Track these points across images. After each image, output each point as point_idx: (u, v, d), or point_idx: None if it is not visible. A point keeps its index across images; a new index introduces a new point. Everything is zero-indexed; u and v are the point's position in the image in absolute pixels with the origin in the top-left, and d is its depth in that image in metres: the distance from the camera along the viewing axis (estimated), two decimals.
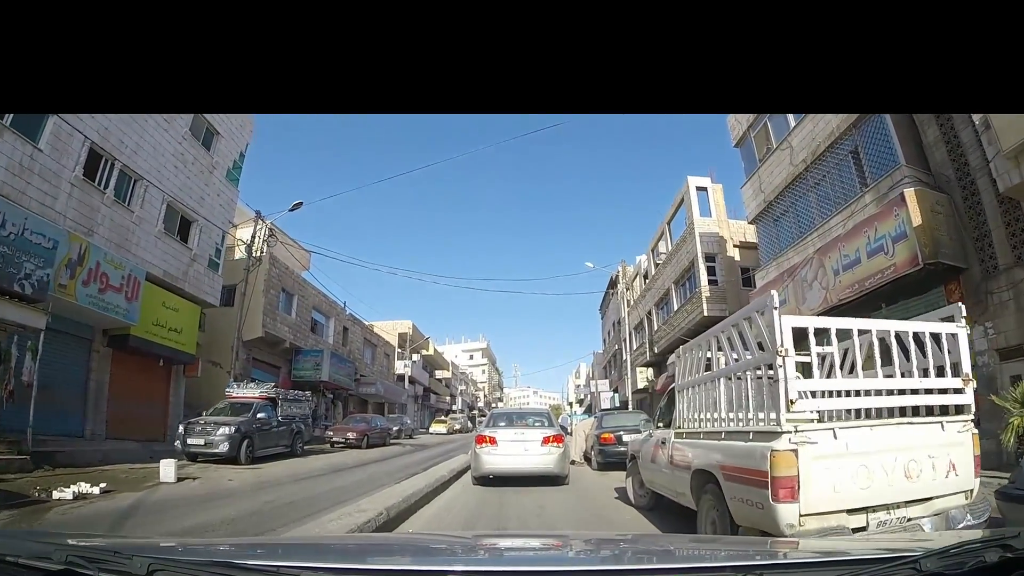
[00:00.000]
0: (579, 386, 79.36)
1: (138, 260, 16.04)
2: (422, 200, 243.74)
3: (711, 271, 21.38)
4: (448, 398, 62.21)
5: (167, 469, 9.94)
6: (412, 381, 45.69)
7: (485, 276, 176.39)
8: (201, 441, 12.79)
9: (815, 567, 1.36)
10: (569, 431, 23.60)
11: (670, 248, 25.74)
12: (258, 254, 20.36)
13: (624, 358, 32.72)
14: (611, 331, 43.24)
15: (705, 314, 20.59)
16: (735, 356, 3.95)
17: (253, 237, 19.97)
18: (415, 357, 46.87)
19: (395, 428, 27.80)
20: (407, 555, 1.92)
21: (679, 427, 5.04)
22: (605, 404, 37.35)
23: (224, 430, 12.74)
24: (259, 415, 14.06)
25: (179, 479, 10.05)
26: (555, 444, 9.01)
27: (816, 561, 1.46)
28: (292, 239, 26.93)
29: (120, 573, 1.15)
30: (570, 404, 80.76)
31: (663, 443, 5.32)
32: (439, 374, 58.52)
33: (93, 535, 3.43)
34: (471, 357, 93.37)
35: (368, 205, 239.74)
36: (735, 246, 21.73)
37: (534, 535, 4.11)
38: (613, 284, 39.30)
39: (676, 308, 24.39)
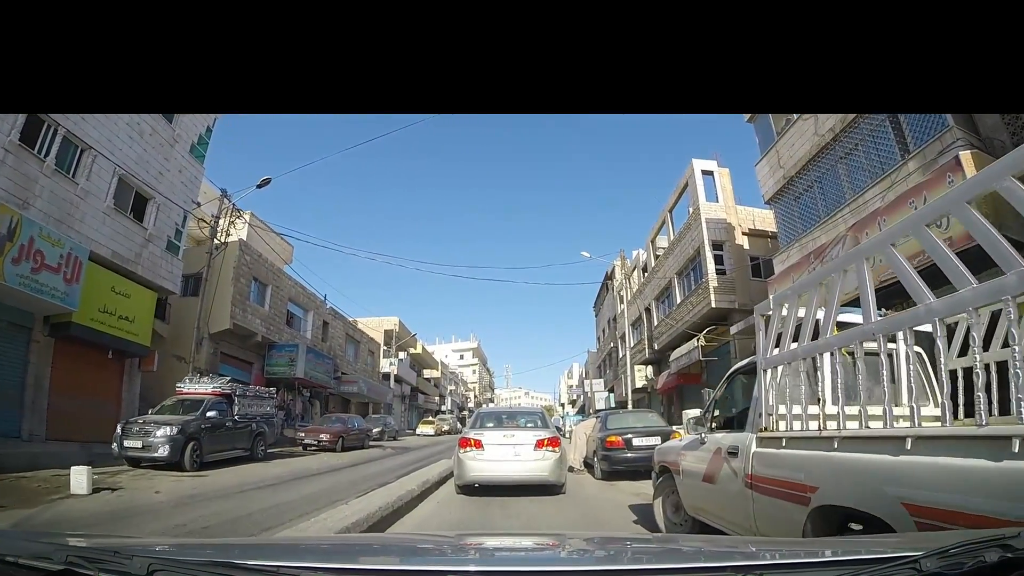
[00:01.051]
0: (572, 386, 77.88)
1: (81, 238, 14.19)
2: (412, 198, 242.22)
3: (718, 260, 19.74)
4: (437, 398, 60.17)
5: (79, 479, 8.14)
6: (399, 380, 43.67)
7: (474, 264, 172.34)
8: (139, 444, 10.93)
9: (815, 567, 1.31)
10: (564, 433, 22.06)
11: (672, 238, 24.12)
12: (223, 237, 18.44)
13: (622, 355, 31.07)
14: (606, 329, 41.63)
15: (713, 305, 19.02)
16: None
17: (217, 218, 18.05)
18: (402, 355, 44.90)
19: (377, 429, 25.90)
20: (409, 555, 1.88)
21: (767, 428, 3.20)
22: (600, 405, 35.92)
23: (165, 431, 10.87)
24: (209, 414, 12.15)
25: (95, 490, 8.29)
26: (550, 448, 7.92)
27: (816, 561, 1.39)
28: (264, 222, 25.09)
29: (120, 573, 1.14)
30: (562, 405, 79.35)
31: (731, 453, 3.51)
32: (427, 373, 56.47)
33: (93, 535, 3.27)
34: (461, 357, 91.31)
35: (354, 201, 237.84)
36: (744, 234, 20.16)
37: (534, 534, 3.90)
38: (609, 278, 37.76)
39: (679, 301, 22.75)
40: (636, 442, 9.75)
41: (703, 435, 3.96)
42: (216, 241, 18.48)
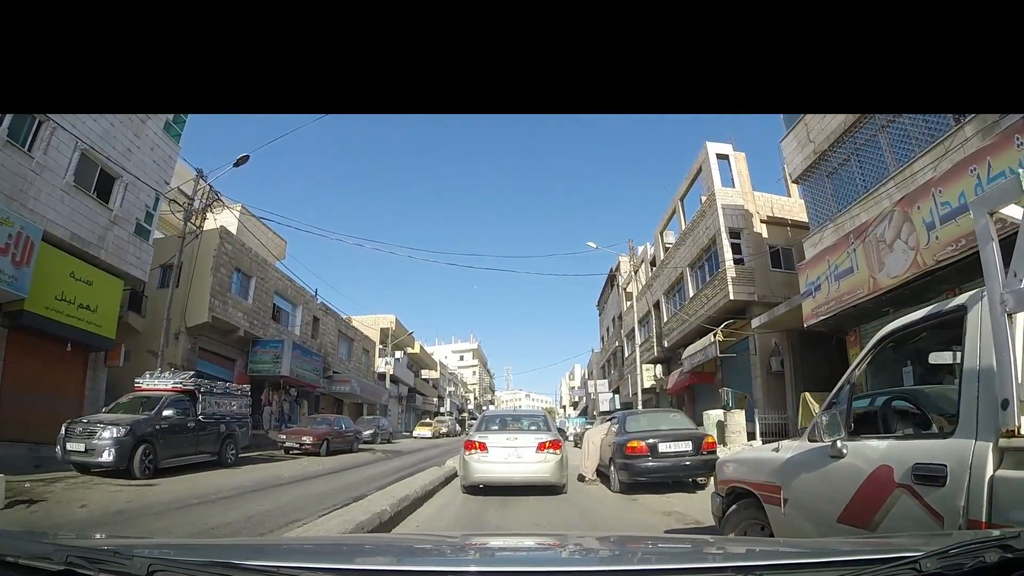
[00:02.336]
0: (573, 388, 76.39)
1: (36, 216, 12.77)
2: (410, 198, 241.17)
3: (736, 248, 18.28)
4: (436, 400, 58.59)
5: None
6: (395, 380, 42.18)
7: (473, 253, 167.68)
8: (81, 447, 9.47)
9: (815, 567, 1.27)
10: (566, 436, 20.61)
11: (684, 227, 22.68)
12: (199, 221, 16.98)
13: (629, 354, 29.58)
14: (610, 327, 40.20)
15: (731, 297, 17.59)
16: None
17: (191, 199, 16.59)
18: (399, 355, 43.39)
19: (368, 431, 24.40)
20: (409, 555, 1.84)
21: None
22: (604, 406, 34.60)
23: (110, 432, 9.38)
24: (166, 412, 10.65)
25: (12, 503, 6.90)
26: (552, 450, 8.26)
27: (816, 561, 1.34)
28: (249, 209, 23.66)
29: (120, 573, 1.13)
30: (564, 407, 77.91)
31: (920, 478, 2.02)
32: (426, 374, 54.93)
33: (93, 535, 3.13)
34: (461, 358, 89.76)
35: (352, 202, 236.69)
36: (762, 221, 18.74)
37: (536, 535, 3.78)
38: (614, 274, 36.39)
39: (692, 294, 21.30)
40: (662, 448, 8.27)
41: (839, 442, 2.41)
42: (192, 226, 17.01)
